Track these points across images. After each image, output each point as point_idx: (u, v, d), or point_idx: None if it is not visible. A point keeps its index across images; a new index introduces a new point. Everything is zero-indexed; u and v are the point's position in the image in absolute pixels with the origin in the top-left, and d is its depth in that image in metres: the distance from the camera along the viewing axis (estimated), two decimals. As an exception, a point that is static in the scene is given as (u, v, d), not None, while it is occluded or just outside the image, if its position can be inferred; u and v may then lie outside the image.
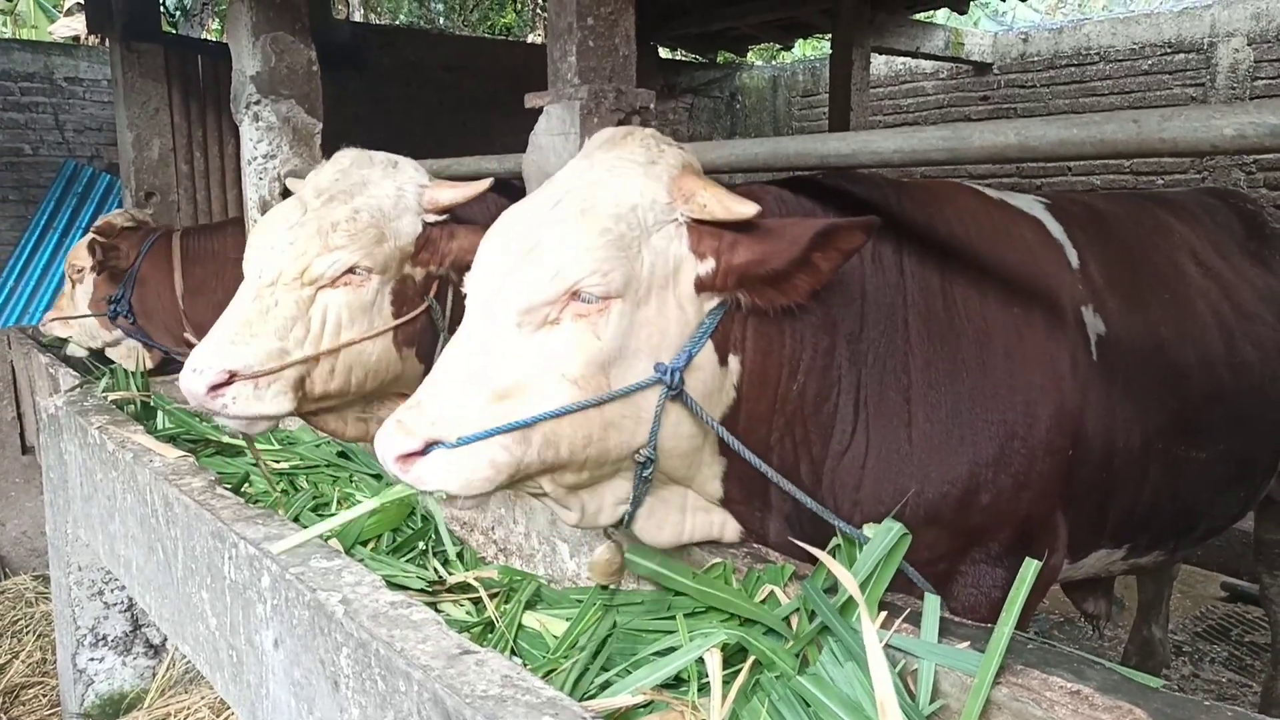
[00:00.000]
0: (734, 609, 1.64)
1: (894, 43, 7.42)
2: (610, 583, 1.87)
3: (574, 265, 1.53)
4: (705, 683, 1.51)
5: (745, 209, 1.59)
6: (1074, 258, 2.18)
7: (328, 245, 2.22)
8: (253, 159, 3.91)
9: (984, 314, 1.96)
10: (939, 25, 7.93)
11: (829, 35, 7.80)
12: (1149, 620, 3.76)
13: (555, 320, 1.55)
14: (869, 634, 1.38)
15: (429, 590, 2.18)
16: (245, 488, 2.83)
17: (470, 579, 2.21)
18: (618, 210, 1.58)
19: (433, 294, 2.44)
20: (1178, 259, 2.45)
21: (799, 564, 1.74)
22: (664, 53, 9.92)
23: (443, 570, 2.40)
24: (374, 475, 2.90)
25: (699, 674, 1.54)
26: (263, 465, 2.75)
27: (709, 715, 1.45)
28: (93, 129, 7.99)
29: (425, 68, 7.82)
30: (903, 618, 1.48)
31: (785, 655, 1.50)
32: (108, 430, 2.60)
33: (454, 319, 2.44)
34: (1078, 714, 1.25)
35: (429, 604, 2.01)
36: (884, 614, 1.49)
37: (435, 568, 2.41)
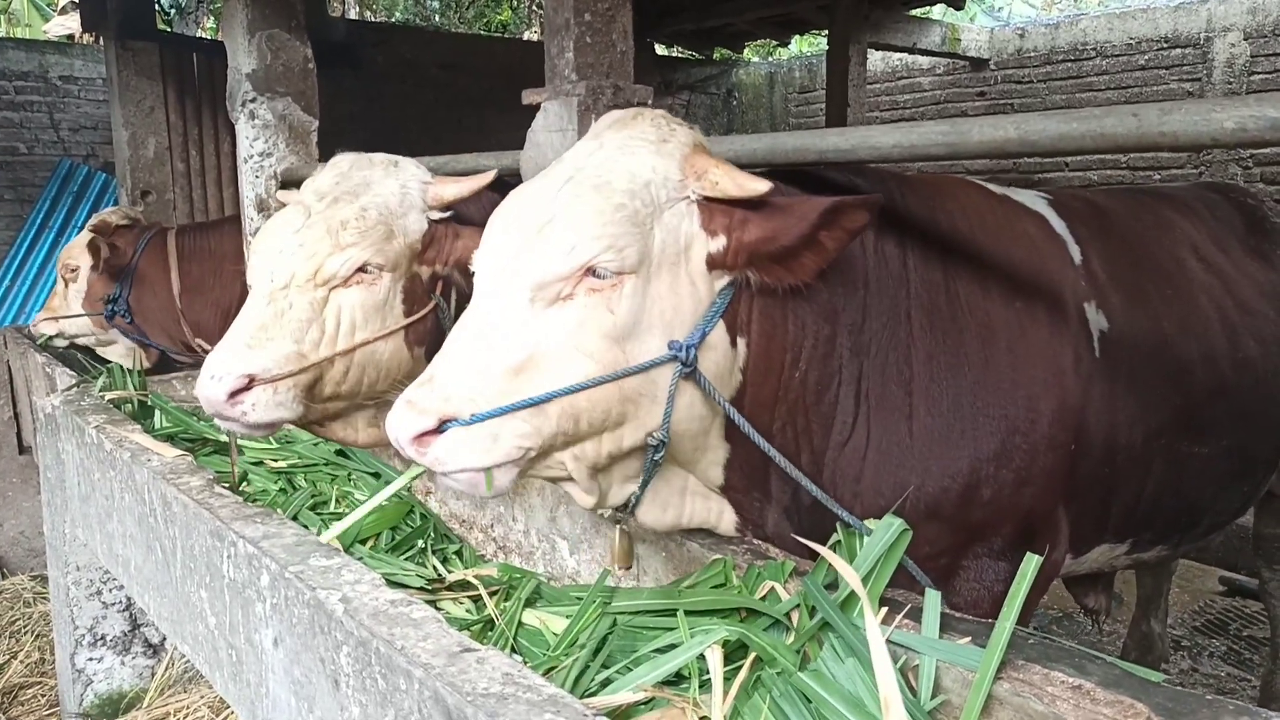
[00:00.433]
0: (735, 604, 1.64)
1: (891, 39, 7.41)
2: (629, 565, 1.91)
3: (590, 240, 1.53)
4: (706, 679, 1.51)
5: (758, 186, 1.60)
6: (1077, 253, 2.18)
7: (339, 244, 2.22)
8: (249, 157, 3.90)
9: (987, 308, 1.96)
10: (935, 21, 7.93)
11: (825, 31, 7.79)
12: (1148, 615, 3.77)
13: (569, 296, 1.55)
14: (873, 630, 1.37)
15: (428, 588, 2.18)
16: (243, 486, 2.82)
17: (470, 577, 2.20)
18: (632, 186, 1.59)
19: (438, 293, 2.44)
20: (1180, 254, 2.45)
21: (799, 560, 1.74)
22: (660, 49, 9.90)
23: (442, 568, 2.40)
24: (372, 474, 2.90)
25: (700, 671, 1.54)
26: (234, 463, 2.75)
27: (710, 712, 1.45)
28: (88, 127, 7.97)
29: (421, 65, 7.82)
30: (903, 613, 1.47)
31: (786, 651, 1.50)
32: (105, 429, 2.60)
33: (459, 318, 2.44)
34: (1079, 709, 1.25)
35: (429, 602, 2.00)
36: (885, 609, 1.48)
37: (435, 565, 2.41)
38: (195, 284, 4.57)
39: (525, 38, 13.81)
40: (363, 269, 2.25)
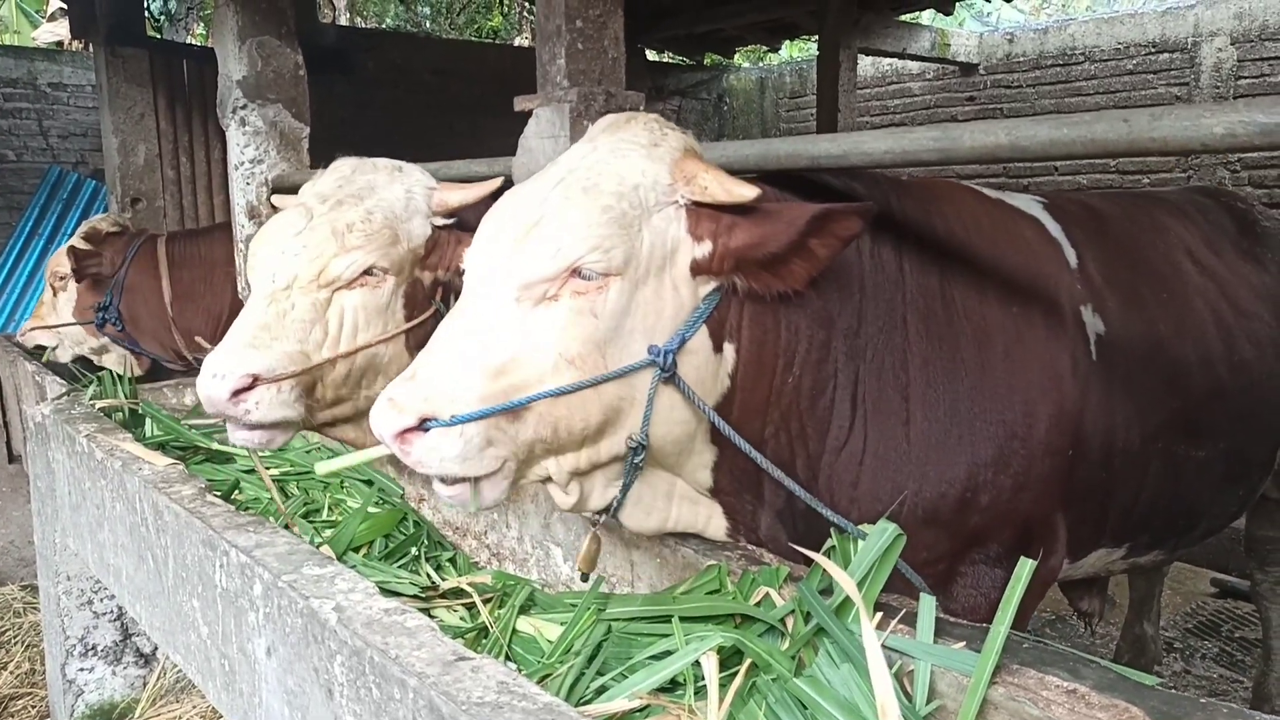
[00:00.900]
0: (729, 610, 1.64)
1: (880, 44, 7.44)
2: (592, 570, 1.90)
3: (576, 241, 1.54)
4: (702, 686, 1.50)
5: (746, 191, 1.60)
6: (1072, 257, 2.18)
7: (344, 246, 2.22)
8: (239, 164, 3.89)
9: (983, 313, 1.96)
10: (925, 26, 7.96)
11: (815, 37, 7.81)
12: (1141, 617, 3.77)
13: (554, 297, 1.56)
14: (868, 636, 1.37)
15: (422, 596, 2.17)
16: (235, 495, 2.81)
17: (464, 584, 2.20)
18: (620, 189, 1.59)
19: (439, 298, 2.44)
20: (1175, 258, 2.46)
21: (794, 565, 1.74)
22: (652, 55, 9.92)
23: (436, 576, 2.39)
24: (365, 481, 2.88)
25: (695, 677, 1.54)
26: (264, 476, 2.71)
27: (706, 719, 1.45)
28: (77, 135, 7.94)
29: (412, 71, 7.81)
30: (898, 618, 1.47)
31: (782, 657, 1.50)
32: (96, 438, 2.58)
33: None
34: (1074, 713, 1.25)
35: (423, 610, 1.99)
36: (880, 614, 1.49)
37: (428, 573, 2.40)
38: (187, 291, 4.55)
39: (516, 44, 13.81)
40: (367, 272, 2.25)
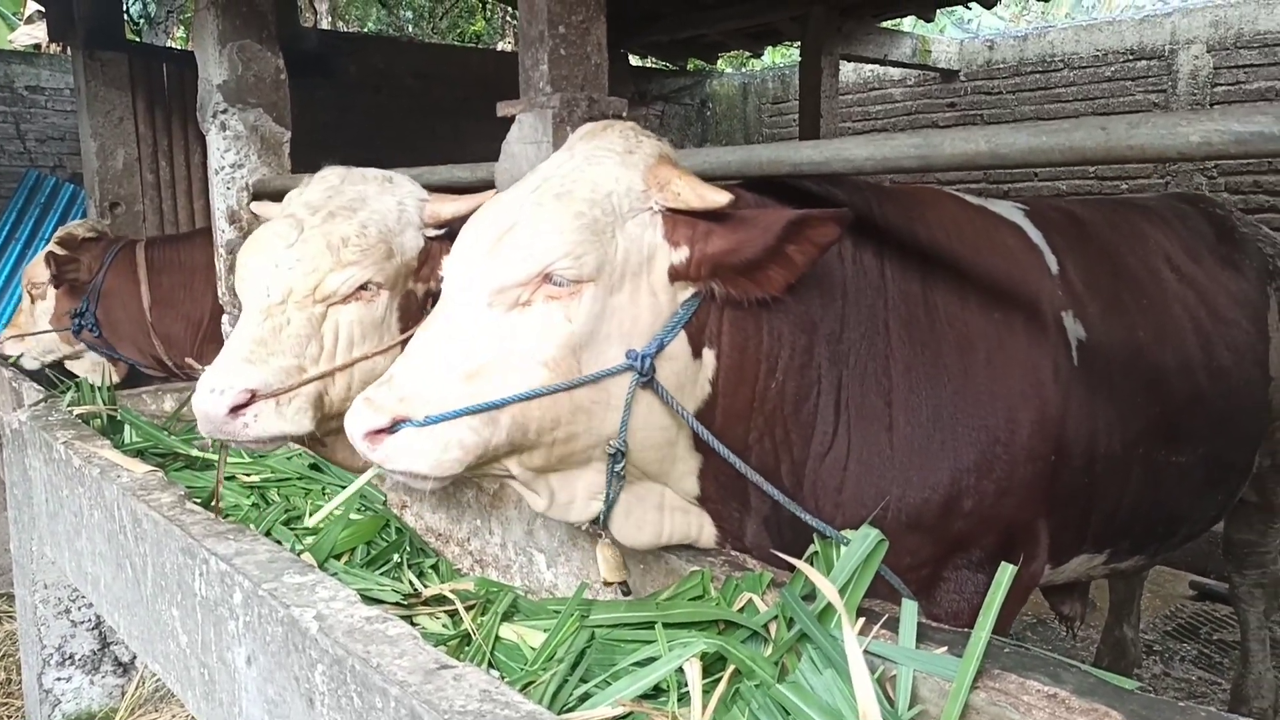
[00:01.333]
0: (713, 616, 1.64)
1: (862, 50, 7.48)
2: (623, 578, 1.90)
3: (547, 248, 1.55)
4: (685, 692, 1.51)
5: (718, 198, 1.61)
6: (1053, 263, 2.20)
7: (340, 261, 2.20)
8: (220, 168, 3.87)
9: (965, 319, 1.97)
10: (906, 33, 8.01)
11: (798, 43, 7.85)
12: (1121, 620, 3.80)
13: (527, 302, 1.57)
14: (850, 642, 1.38)
15: (404, 603, 2.16)
16: (215, 502, 2.78)
17: (446, 591, 2.19)
18: (593, 196, 1.60)
19: (430, 309, 2.43)
20: (1154, 264, 2.48)
21: (777, 571, 1.74)
22: (635, 60, 9.93)
23: (418, 583, 2.38)
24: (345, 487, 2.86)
25: (679, 684, 1.54)
26: (219, 483, 2.68)
27: (689, 725, 1.45)
28: (55, 138, 7.86)
29: (394, 75, 7.79)
30: (880, 623, 1.48)
31: (765, 663, 1.50)
32: (74, 445, 2.56)
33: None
34: (1055, 717, 1.26)
35: (404, 617, 1.98)
36: (862, 620, 1.49)
37: (411, 580, 2.38)
38: (166, 296, 4.52)
39: (499, 48, 13.80)
40: (363, 286, 2.23)
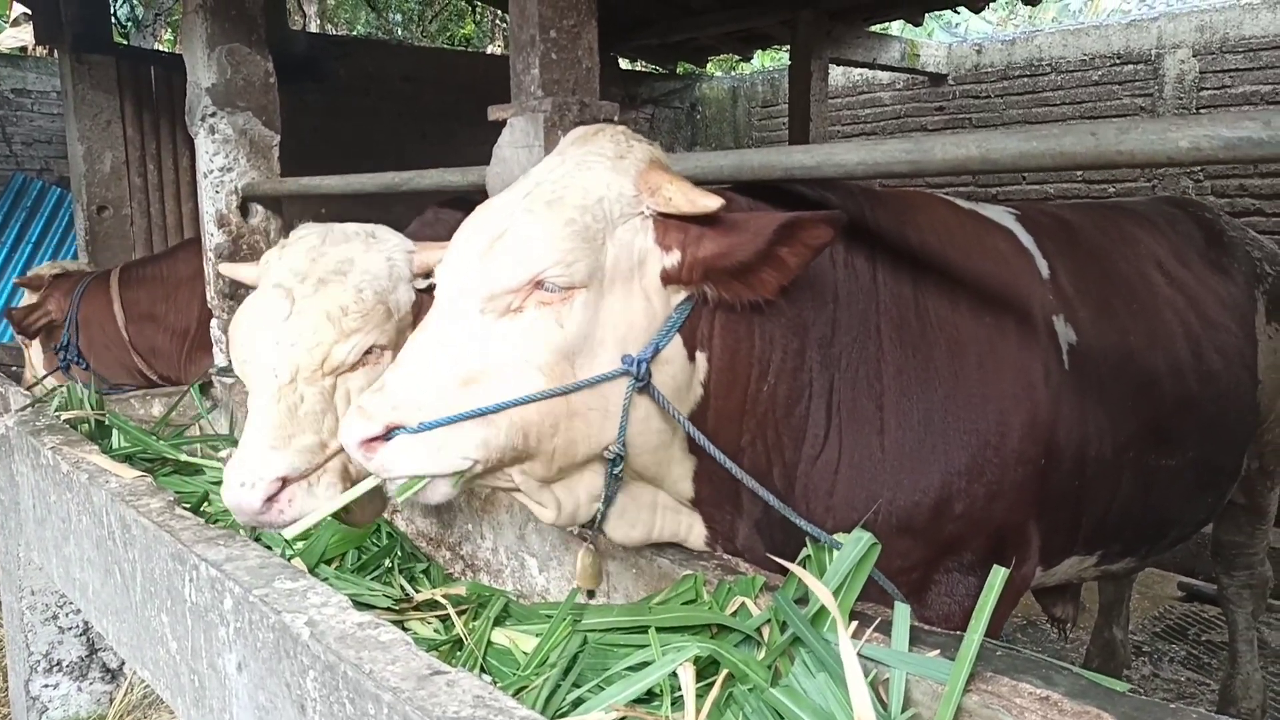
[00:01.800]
0: (706, 620, 1.64)
1: (851, 54, 7.51)
2: (595, 586, 1.90)
3: (538, 254, 1.55)
4: (678, 697, 1.50)
5: (709, 202, 1.60)
6: (1044, 268, 2.20)
7: (343, 331, 2.16)
8: (209, 172, 3.86)
9: (956, 323, 1.98)
10: (895, 37, 8.04)
11: (788, 47, 7.87)
12: (1110, 621, 3.82)
13: (519, 308, 1.57)
14: (845, 645, 1.38)
15: (396, 609, 2.15)
16: (205, 507, 2.77)
17: (438, 596, 2.18)
18: (584, 202, 1.60)
19: None
20: (1144, 269, 2.49)
21: (769, 575, 1.74)
22: (625, 64, 9.95)
23: (410, 588, 2.37)
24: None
25: (672, 688, 1.53)
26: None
27: (683, 730, 1.45)
28: (42, 141, 7.83)
29: (384, 78, 7.78)
30: (874, 627, 1.48)
31: (758, 667, 1.50)
32: (61, 450, 2.54)
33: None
34: (1047, 720, 1.26)
35: (396, 623, 1.98)
36: (855, 623, 1.49)
37: (402, 585, 2.37)
38: (145, 312, 4.50)
39: (489, 51, 13.79)
40: (367, 351, 2.21)
